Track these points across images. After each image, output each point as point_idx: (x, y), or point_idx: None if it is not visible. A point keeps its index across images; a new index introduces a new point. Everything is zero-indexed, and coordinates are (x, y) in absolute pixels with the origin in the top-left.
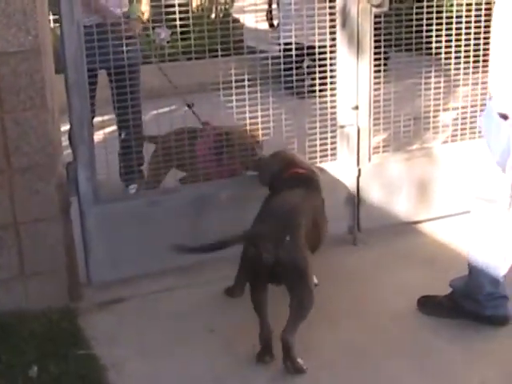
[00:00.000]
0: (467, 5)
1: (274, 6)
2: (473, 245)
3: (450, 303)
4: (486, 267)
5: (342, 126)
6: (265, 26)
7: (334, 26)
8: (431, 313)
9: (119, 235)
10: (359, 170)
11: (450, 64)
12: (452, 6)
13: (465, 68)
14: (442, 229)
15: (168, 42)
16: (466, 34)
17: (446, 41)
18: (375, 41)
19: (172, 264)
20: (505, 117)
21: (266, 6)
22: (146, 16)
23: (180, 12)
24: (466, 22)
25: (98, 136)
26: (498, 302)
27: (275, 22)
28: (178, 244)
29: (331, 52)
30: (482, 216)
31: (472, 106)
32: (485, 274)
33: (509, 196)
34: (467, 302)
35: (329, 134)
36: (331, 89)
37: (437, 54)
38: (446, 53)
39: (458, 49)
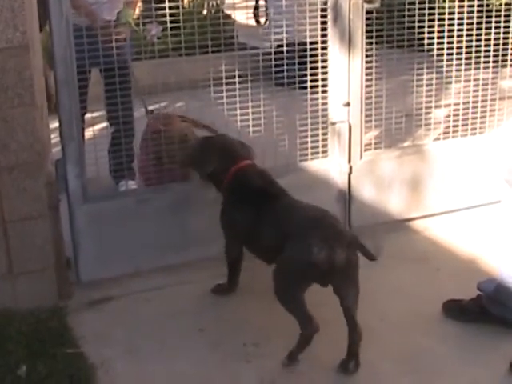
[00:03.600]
0: (459, 1)
1: (262, 2)
2: (503, 248)
3: (476, 308)
4: None
5: (333, 123)
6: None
7: (325, 22)
8: (457, 318)
9: (109, 233)
10: (350, 167)
11: (442, 61)
12: (444, 2)
13: (457, 65)
14: (433, 226)
15: (159, 38)
16: (459, 30)
17: (439, 37)
18: (367, 37)
19: (161, 262)
20: None
21: (254, 3)
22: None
23: (171, 8)
24: (459, 19)
25: (88, 133)
26: None
27: (262, 20)
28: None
29: (322, 48)
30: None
31: (464, 103)
32: None
33: None
34: (494, 306)
35: (320, 131)
36: (323, 85)
37: (429, 50)
38: (438, 49)
39: (451, 45)
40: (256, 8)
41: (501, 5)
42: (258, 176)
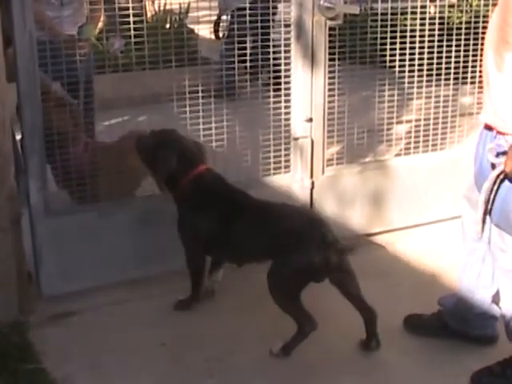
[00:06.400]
0: (421, 19)
1: (224, 17)
2: (462, 263)
3: (437, 322)
4: (475, 287)
5: (295, 138)
6: None
7: (288, 39)
8: (418, 332)
9: (71, 247)
10: (313, 183)
11: (403, 77)
12: (406, 19)
13: (418, 81)
14: (395, 241)
15: (122, 52)
16: (420, 47)
17: (400, 54)
18: (329, 53)
19: (124, 277)
20: None
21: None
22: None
23: (134, 22)
24: (420, 36)
25: None
26: (486, 323)
27: (221, 34)
28: None
29: (285, 64)
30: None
31: (425, 120)
32: (474, 294)
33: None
34: (455, 321)
35: (282, 146)
36: (285, 101)
37: (391, 66)
38: (399, 66)
39: (412, 62)
40: (217, 23)
41: (461, 23)
42: (219, 181)
